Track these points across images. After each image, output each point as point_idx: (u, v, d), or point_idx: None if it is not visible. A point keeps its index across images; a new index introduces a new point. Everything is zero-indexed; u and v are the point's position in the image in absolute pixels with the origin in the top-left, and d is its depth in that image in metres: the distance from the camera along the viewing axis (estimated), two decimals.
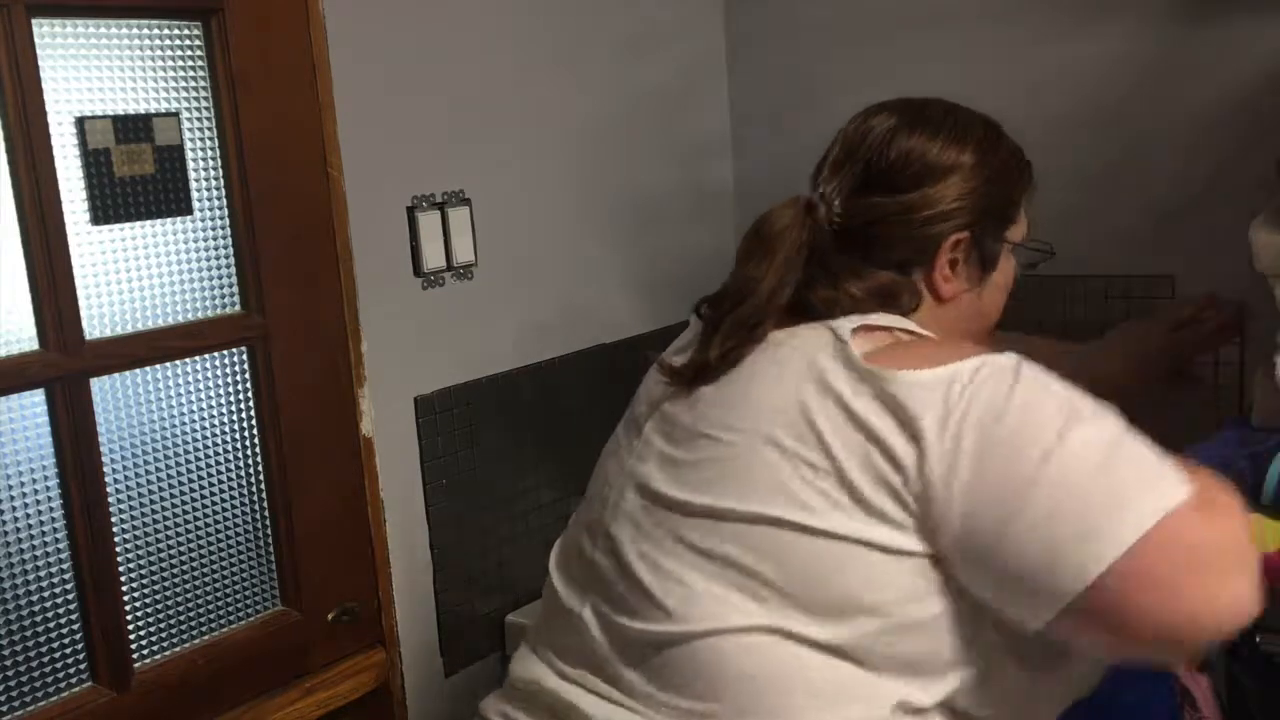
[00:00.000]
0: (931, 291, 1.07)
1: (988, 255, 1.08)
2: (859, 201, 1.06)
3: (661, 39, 2.01)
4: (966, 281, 1.08)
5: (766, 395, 0.97)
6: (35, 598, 1.27)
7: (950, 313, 1.08)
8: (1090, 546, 0.83)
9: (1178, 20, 1.67)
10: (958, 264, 1.06)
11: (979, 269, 1.08)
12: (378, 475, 1.57)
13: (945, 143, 1.07)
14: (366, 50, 1.53)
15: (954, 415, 0.88)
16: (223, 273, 1.42)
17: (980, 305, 1.11)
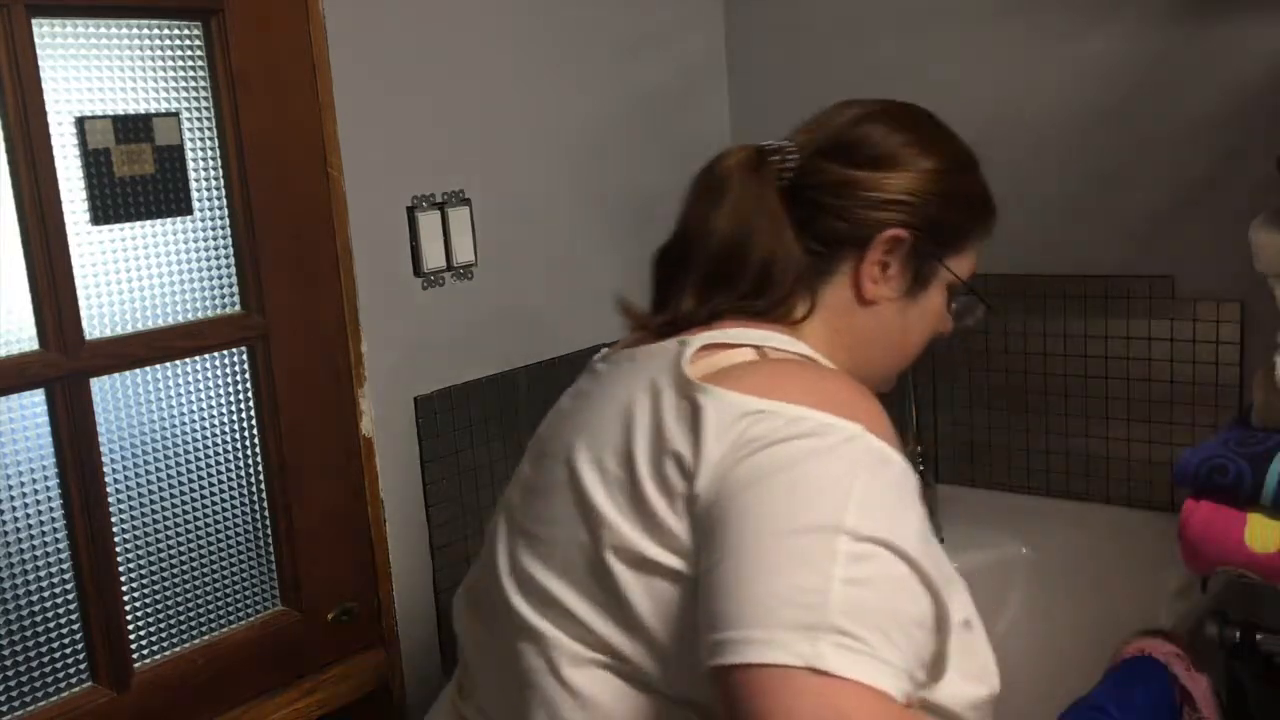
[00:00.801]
0: (855, 289, 1.02)
1: (923, 271, 1.03)
2: (812, 162, 1.03)
3: (661, 39, 2.00)
4: (893, 289, 1.02)
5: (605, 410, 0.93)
6: (35, 598, 1.27)
7: (865, 321, 1.03)
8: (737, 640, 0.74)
9: (1178, 20, 1.67)
10: (890, 267, 1.01)
11: (911, 281, 1.03)
12: (378, 475, 1.57)
13: (912, 142, 1.03)
14: (366, 50, 1.53)
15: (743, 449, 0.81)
16: (223, 273, 1.42)
17: (899, 324, 1.04)
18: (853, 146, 1.03)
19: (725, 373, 0.89)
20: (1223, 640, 1.37)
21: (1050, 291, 1.84)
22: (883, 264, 1.01)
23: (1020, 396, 1.89)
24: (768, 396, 0.84)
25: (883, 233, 1.00)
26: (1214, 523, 1.28)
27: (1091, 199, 1.78)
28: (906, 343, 1.07)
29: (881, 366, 1.07)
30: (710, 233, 1.01)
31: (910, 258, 1.01)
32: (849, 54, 1.96)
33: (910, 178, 1.01)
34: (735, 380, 0.87)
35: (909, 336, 1.06)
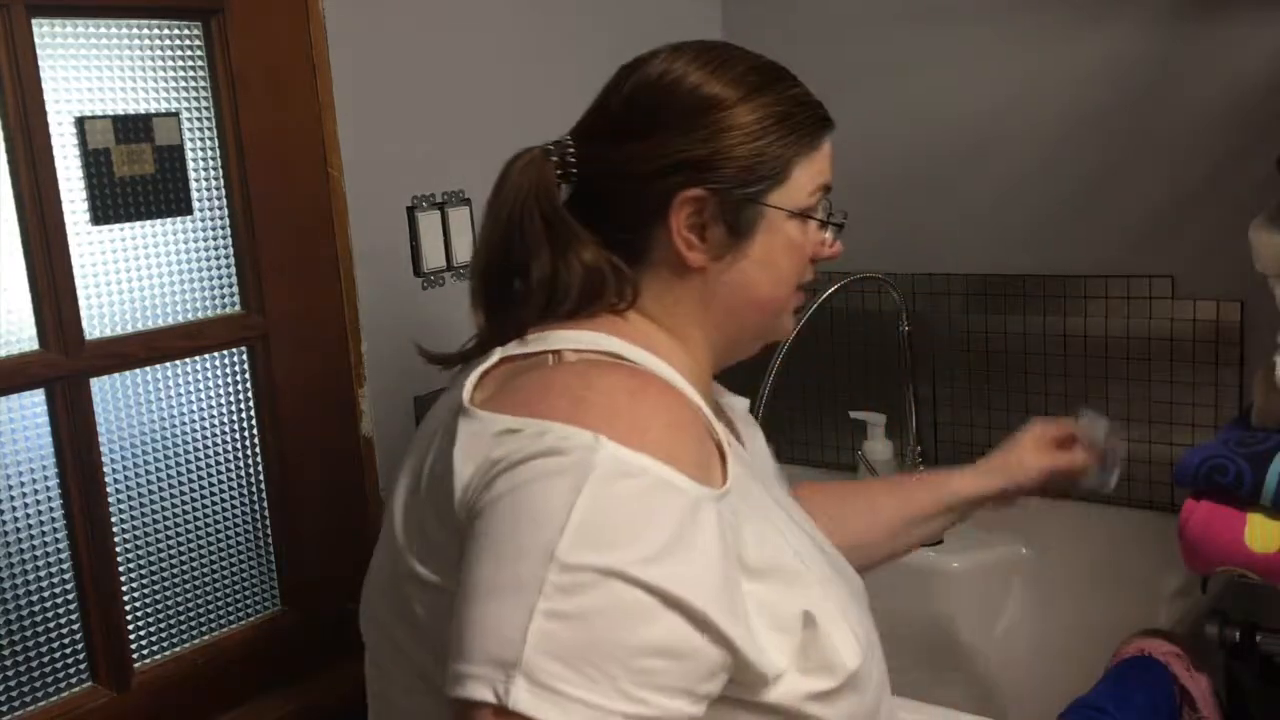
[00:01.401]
0: (680, 261, 0.96)
1: (740, 220, 0.95)
2: (585, 149, 1.00)
3: (661, 39, 2.00)
4: (713, 250, 0.96)
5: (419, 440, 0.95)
6: (35, 598, 1.27)
7: (705, 289, 0.97)
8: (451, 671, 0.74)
9: (1178, 20, 1.67)
10: (705, 229, 0.95)
11: (733, 234, 0.96)
12: (378, 475, 1.57)
13: (666, 98, 0.97)
14: (366, 50, 1.53)
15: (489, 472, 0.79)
16: (223, 273, 1.42)
17: (735, 280, 0.98)
18: (620, 117, 0.99)
19: (505, 388, 0.86)
20: (1223, 640, 1.37)
21: (1050, 291, 1.84)
22: (695, 228, 0.95)
23: (1020, 396, 1.89)
24: (524, 411, 0.80)
25: (674, 200, 0.94)
26: (1214, 523, 1.28)
27: (1091, 199, 1.78)
28: (765, 294, 1.00)
29: (751, 326, 1.02)
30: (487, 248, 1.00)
31: (721, 211, 0.95)
32: (848, 54, 1.96)
33: (675, 136, 0.95)
34: (508, 395, 0.84)
35: (765, 287, 0.99)
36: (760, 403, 1.66)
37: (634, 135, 0.97)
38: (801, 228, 0.99)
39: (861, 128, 1.97)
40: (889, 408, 1.91)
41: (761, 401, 1.66)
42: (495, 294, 1.00)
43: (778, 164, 0.96)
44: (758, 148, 0.95)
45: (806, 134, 0.98)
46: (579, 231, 0.96)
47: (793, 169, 0.97)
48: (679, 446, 0.80)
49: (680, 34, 2.21)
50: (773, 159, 0.96)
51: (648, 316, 0.98)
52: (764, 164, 0.96)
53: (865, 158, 1.97)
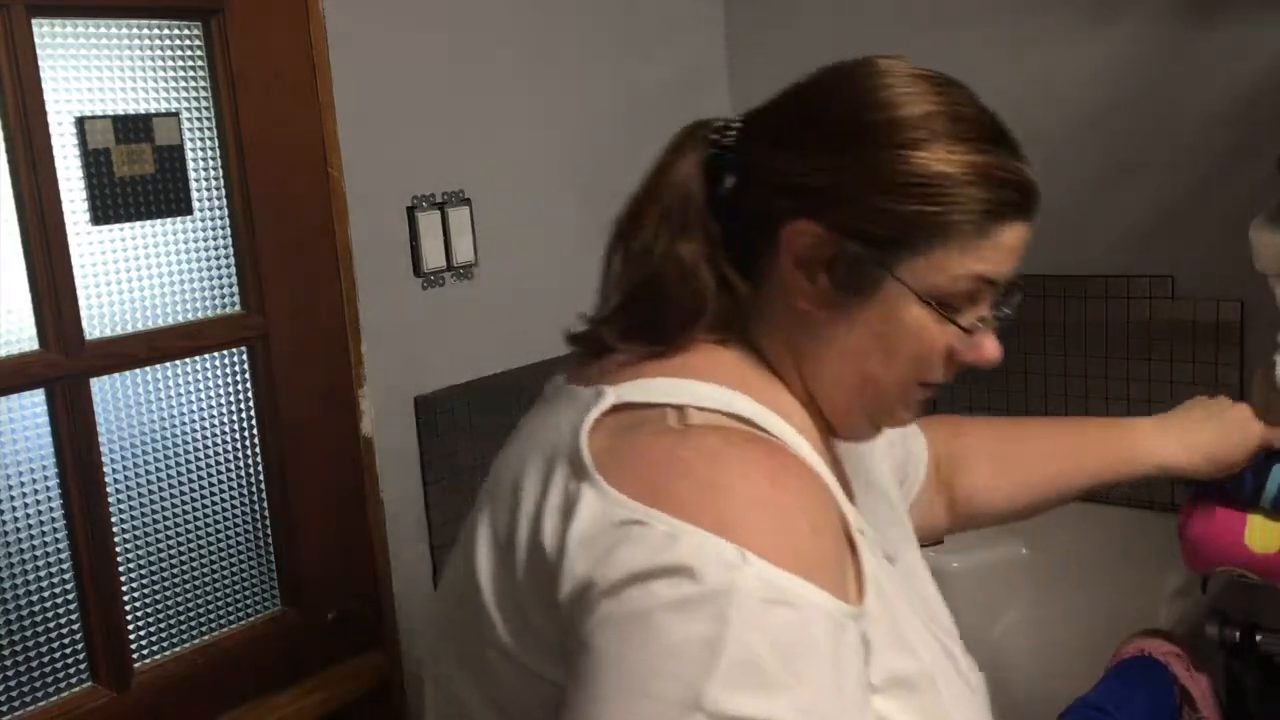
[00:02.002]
0: (783, 299, 0.83)
1: (855, 277, 0.80)
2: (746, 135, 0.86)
3: (661, 39, 2.00)
4: (820, 298, 0.81)
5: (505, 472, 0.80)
6: (35, 598, 1.27)
7: (806, 335, 0.83)
8: None
9: (1178, 21, 1.67)
10: (814, 272, 0.80)
11: (844, 290, 0.80)
12: (378, 475, 1.57)
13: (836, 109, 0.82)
14: (366, 50, 1.53)
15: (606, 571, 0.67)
16: (223, 273, 1.42)
17: (842, 341, 0.82)
18: (781, 115, 0.86)
19: (625, 449, 0.74)
20: (1223, 640, 1.37)
21: (1050, 291, 1.84)
22: (806, 266, 0.81)
23: (1020, 396, 1.89)
24: (650, 496, 0.69)
25: (785, 227, 0.80)
26: (1214, 523, 1.28)
27: (1091, 199, 1.78)
28: (871, 372, 0.83)
29: (853, 400, 0.85)
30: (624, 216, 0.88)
31: (836, 259, 0.80)
32: (849, 54, 1.96)
33: (815, 151, 0.81)
34: (629, 463, 0.72)
35: (873, 364, 0.83)
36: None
37: (785, 134, 0.84)
38: (935, 319, 0.81)
39: None
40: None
41: None
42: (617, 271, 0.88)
43: (920, 231, 0.78)
44: (900, 205, 0.78)
45: (975, 212, 0.79)
46: (694, 219, 0.83)
47: (938, 245, 0.79)
48: (822, 556, 0.70)
49: (680, 34, 2.22)
50: (916, 224, 0.78)
51: (756, 350, 0.85)
52: (903, 225, 0.79)
53: None
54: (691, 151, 0.86)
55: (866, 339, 0.82)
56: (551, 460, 0.75)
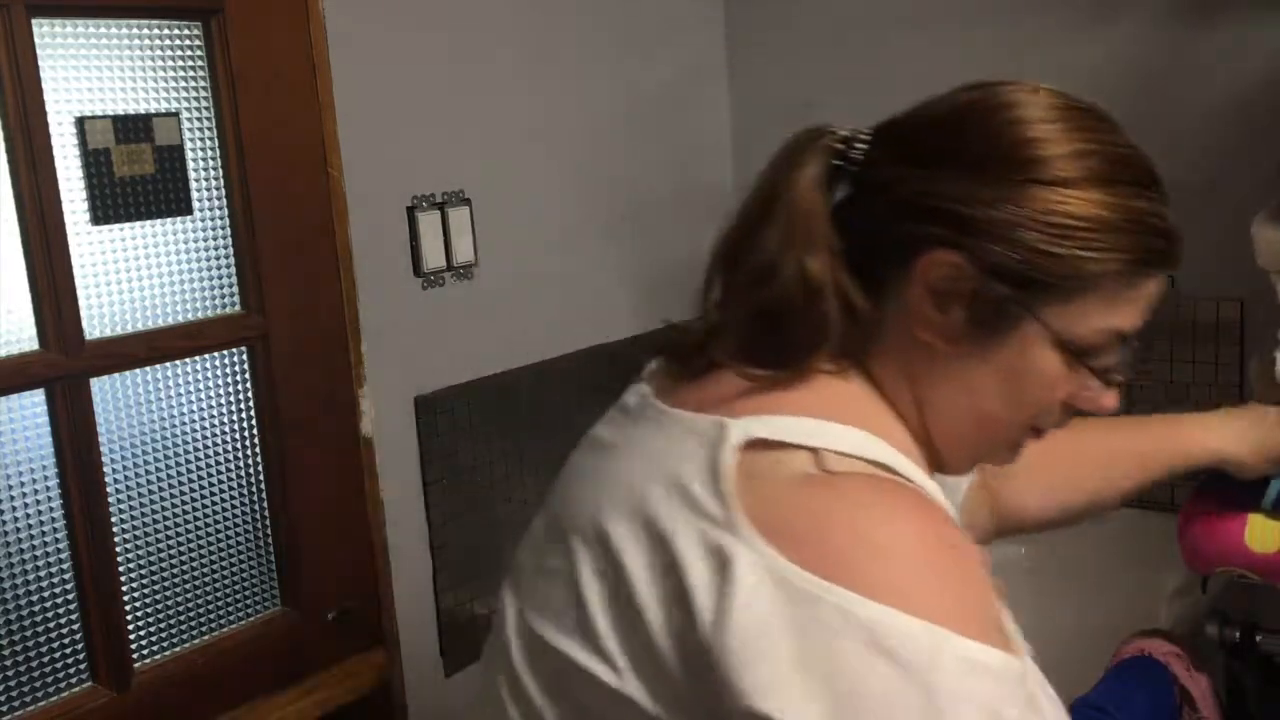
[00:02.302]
0: (905, 328, 0.78)
1: (992, 316, 0.76)
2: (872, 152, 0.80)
3: (661, 39, 2.00)
4: (948, 334, 0.77)
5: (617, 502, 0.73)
6: (35, 598, 1.27)
7: (928, 369, 0.79)
8: None
9: (1178, 21, 1.67)
10: (947, 304, 0.76)
11: (978, 327, 0.76)
12: (378, 475, 1.57)
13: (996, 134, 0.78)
14: (366, 50, 1.53)
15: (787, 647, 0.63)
16: (223, 273, 1.42)
17: (963, 377, 0.79)
18: (924, 133, 0.80)
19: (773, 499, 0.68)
20: (1223, 640, 1.37)
21: None
22: (938, 296, 0.76)
23: None
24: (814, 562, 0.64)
25: (924, 254, 0.75)
26: (1214, 523, 1.28)
27: None
28: (989, 411, 0.80)
29: (963, 435, 0.82)
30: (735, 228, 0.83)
31: (975, 295, 0.75)
32: (849, 54, 1.96)
33: (968, 179, 0.75)
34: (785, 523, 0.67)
35: (994, 404, 0.79)
36: None
37: (927, 155, 0.78)
38: (1065, 365, 0.78)
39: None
40: None
41: None
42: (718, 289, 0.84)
43: (1071, 277, 0.75)
44: (1050, 246, 0.74)
45: (1126, 261, 0.77)
46: (819, 234, 0.78)
47: (1086, 292, 0.76)
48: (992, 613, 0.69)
49: (681, 34, 2.22)
50: (1067, 268, 0.75)
51: (871, 378, 0.80)
52: (1054, 268, 0.74)
53: None
54: (812, 162, 0.80)
55: (993, 379, 0.78)
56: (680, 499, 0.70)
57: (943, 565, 0.68)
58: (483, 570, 1.75)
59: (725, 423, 0.72)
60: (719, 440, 0.71)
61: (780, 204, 0.79)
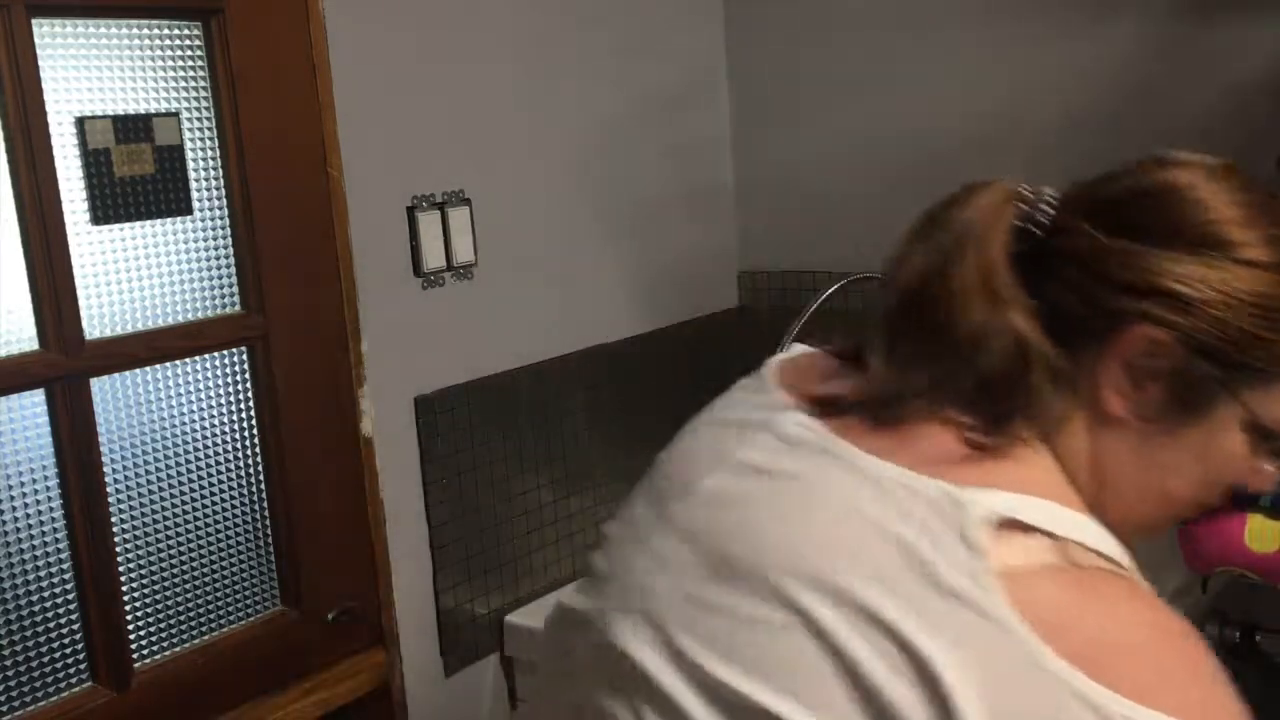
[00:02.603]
0: (1096, 399, 0.76)
1: (1191, 395, 0.75)
2: (1070, 220, 0.78)
3: (661, 39, 2.00)
4: (1140, 410, 0.75)
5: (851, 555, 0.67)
6: (35, 598, 1.27)
7: (1110, 445, 0.76)
8: None
9: (1177, 21, 1.67)
10: (1144, 381, 0.74)
11: (1175, 405, 0.75)
12: (378, 475, 1.57)
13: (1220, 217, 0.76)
14: (366, 50, 1.53)
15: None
16: (223, 273, 1.42)
17: (1154, 454, 0.77)
18: (1126, 206, 0.79)
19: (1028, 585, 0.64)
20: (1223, 640, 1.37)
21: None
22: (1133, 369, 0.74)
23: None
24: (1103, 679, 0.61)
25: (1129, 329, 0.73)
26: (1214, 523, 1.28)
27: None
28: (1175, 490, 0.79)
29: (1130, 512, 0.79)
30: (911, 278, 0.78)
31: (1176, 373, 0.74)
32: (849, 54, 1.96)
33: (1195, 263, 0.73)
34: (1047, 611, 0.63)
35: (1180, 483, 0.78)
36: None
37: (1135, 234, 0.76)
38: (1249, 449, 0.77)
39: (862, 128, 1.97)
40: None
41: None
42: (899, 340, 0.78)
43: (1273, 361, 0.75)
44: (1262, 329, 0.73)
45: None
46: (1017, 293, 0.74)
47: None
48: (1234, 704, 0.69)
49: (681, 34, 2.22)
50: (1271, 352, 0.74)
51: (1056, 454, 0.76)
52: (1259, 352, 0.74)
53: (865, 158, 1.97)
54: (1001, 219, 0.77)
55: (1184, 458, 0.77)
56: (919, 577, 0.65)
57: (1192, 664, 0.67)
58: (483, 570, 1.75)
59: (961, 494, 0.67)
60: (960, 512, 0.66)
61: (970, 261, 0.75)
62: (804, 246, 2.06)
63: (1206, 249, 0.74)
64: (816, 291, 1.71)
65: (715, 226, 2.12)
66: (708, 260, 2.11)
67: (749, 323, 2.15)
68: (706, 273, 2.11)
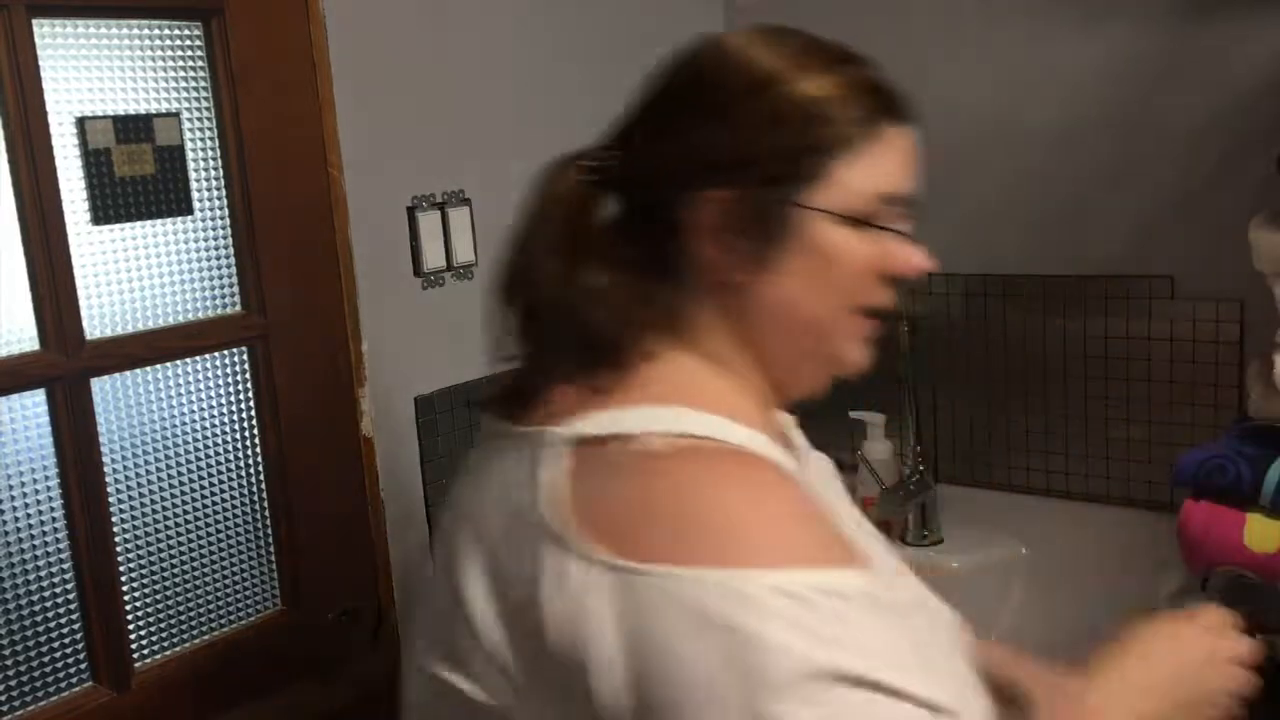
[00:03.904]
0: (709, 286, 0.84)
1: (771, 226, 0.82)
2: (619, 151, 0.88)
3: (661, 39, 2.00)
4: (744, 265, 0.82)
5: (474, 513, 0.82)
6: (35, 598, 1.27)
7: (742, 309, 0.84)
8: None
9: (1177, 21, 1.67)
10: (735, 237, 0.82)
11: (765, 243, 0.82)
12: (378, 475, 1.57)
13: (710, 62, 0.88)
14: (366, 49, 1.53)
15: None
16: (223, 273, 1.42)
17: (775, 297, 0.83)
18: (641, 116, 0.89)
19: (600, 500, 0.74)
20: None
21: (1050, 291, 1.84)
22: (723, 236, 0.82)
23: (1020, 397, 1.89)
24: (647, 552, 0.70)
25: (690, 208, 0.83)
26: (1214, 523, 1.29)
27: (1091, 199, 1.78)
28: (808, 315, 0.85)
29: (803, 353, 0.87)
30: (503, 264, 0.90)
31: (749, 216, 0.82)
32: None
33: (692, 128, 0.84)
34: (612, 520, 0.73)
35: (808, 307, 0.84)
36: None
37: (654, 129, 0.86)
38: (856, 238, 0.83)
39: None
40: (889, 408, 1.91)
41: None
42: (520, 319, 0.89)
43: (812, 156, 0.82)
44: (784, 141, 0.81)
45: (855, 121, 0.83)
46: (599, 248, 0.85)
47: (835, 167, 0.82)
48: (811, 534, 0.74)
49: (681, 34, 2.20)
50: (806, 150, 0.82)
51: (698, 353, 0.85)
52: (793, 155, 0.82)
53: None
54: (564, 183, 0.89)
55: (798, 283, 0.83)
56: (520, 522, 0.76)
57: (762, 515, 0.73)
58: None
59: (547, 433, 0.79)
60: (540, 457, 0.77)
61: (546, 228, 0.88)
62: None
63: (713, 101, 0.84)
64: None
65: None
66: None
67: None
68: None
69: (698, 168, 0.83)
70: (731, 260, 0.83)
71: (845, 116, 0.82)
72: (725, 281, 0.83)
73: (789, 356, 0.87)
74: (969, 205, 1.90)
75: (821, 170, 0.82)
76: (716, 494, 0.73)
